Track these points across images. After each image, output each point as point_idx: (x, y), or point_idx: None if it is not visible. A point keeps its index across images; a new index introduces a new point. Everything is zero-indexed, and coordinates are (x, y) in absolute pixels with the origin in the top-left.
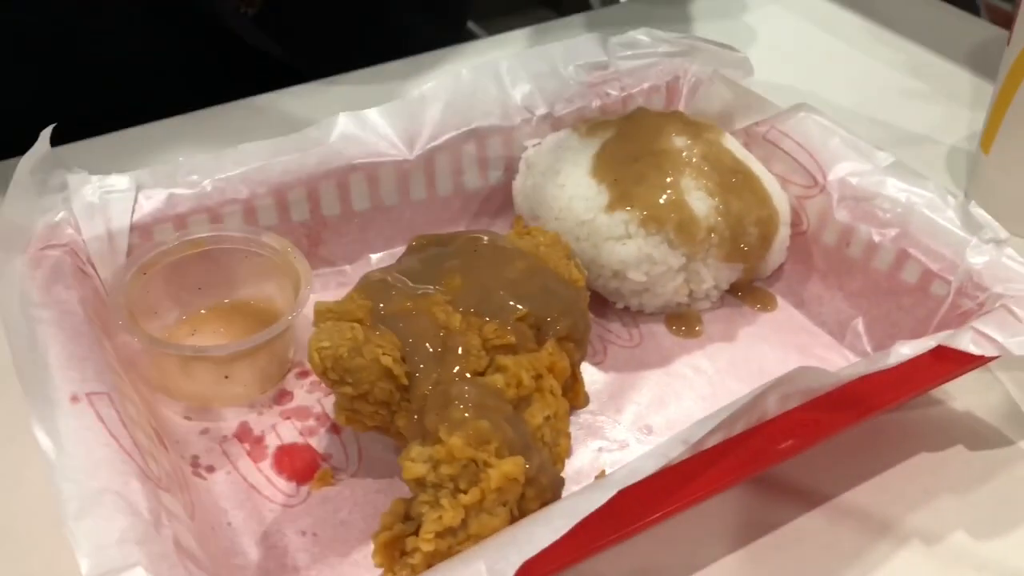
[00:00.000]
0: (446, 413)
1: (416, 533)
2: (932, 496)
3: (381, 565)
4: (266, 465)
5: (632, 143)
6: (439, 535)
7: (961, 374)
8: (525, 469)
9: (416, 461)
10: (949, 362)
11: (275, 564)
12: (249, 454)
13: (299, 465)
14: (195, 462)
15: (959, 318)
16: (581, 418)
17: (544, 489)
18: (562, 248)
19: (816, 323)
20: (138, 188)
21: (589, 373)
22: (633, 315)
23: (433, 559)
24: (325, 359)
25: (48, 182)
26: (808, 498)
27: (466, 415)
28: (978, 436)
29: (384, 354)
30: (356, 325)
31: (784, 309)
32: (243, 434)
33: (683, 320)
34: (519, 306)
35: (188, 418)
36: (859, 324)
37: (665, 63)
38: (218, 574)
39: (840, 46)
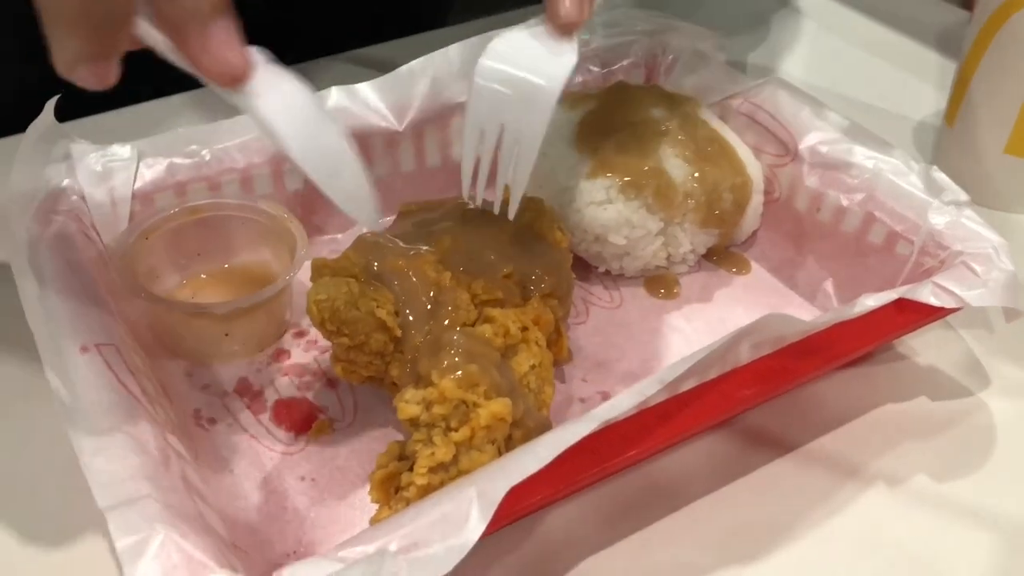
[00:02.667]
0: (438, 358)
1: (411, 470)
2: (895, 443)
3: (377, 500)
4: (265, 418)
5: (612, 114)
6: (432, 470)
7: (922, 325)
8: (512, 410)
9: (410, 402)
10: (911, 313)
11: (276, 506)
12: (249, 407)
13: (297, 417)
14: (197, 415)
15: (922, 275)
16: (565, 372)
17: (531, 431)
18: (548, 213)
19: (788, 285)
20: (139, 157)
21: (573, 333)
22: (614, 278)
23: (426, 493)
24: (323, 311)
25: (53, 151)
26: (779, 445)
27: (456, 360)
28: (940, 388)
29: (379, 307)
30: (352, 280)
31: (758, 273)
32: (243, 389)
33: (661, 283)
34: (505, 265)
35: (189, 375)
36: (829, 285)
37: (644, 41)
38: (223, 511)
39: (811, 26)
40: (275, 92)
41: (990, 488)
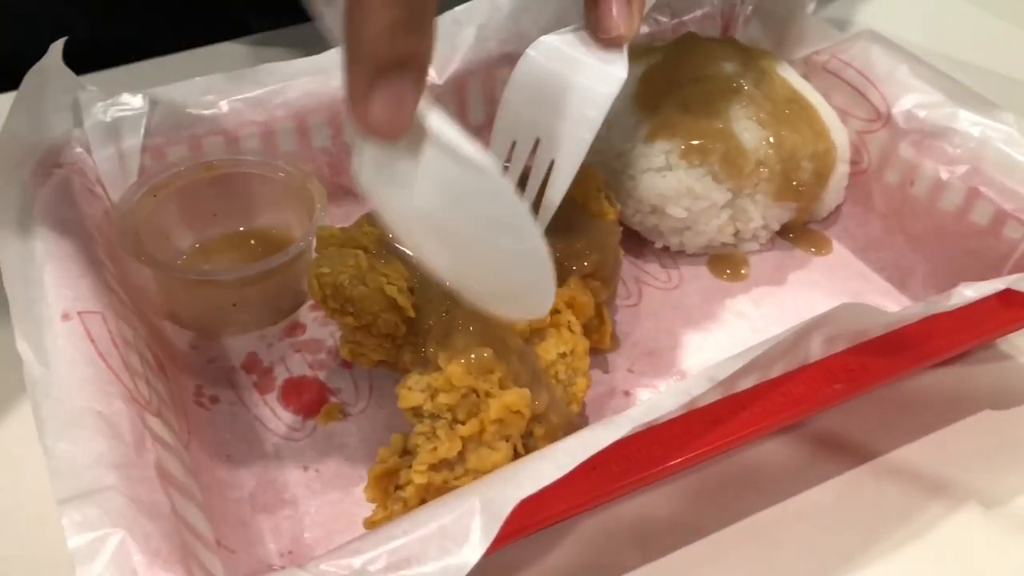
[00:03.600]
0: (448, 341)
1: (411, 467)
2: (993, 457)
3: (373, 500)
4: (272, 397)
5: (678, 69)
6: (433, 467)
7: None
8: (532, 403)
9: (413, 389)
10: (1019, 308)
11: (273, 499)
12: (256, 385)
13: (306, 399)
14: (198, 391)
15: None
16: (609, 361)
17: (555, 428)
18: (592, 180)
19: (874, 269)
20: (151, 107)
21: (621, 316)
22: (673, 255)
23: (427, 493)
24: (325, 286)
25: (58, 100)
26: (855, 453)
27: (469, 342)
28: None
29: (389, 283)
30: (360, 252)
31: (839, 253)
32: (251, 365)
33: (727, 262)
34: None
35: (195, 347)
36: (921, 270)
37: None
38: (210, 504)
39: None
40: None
41: None
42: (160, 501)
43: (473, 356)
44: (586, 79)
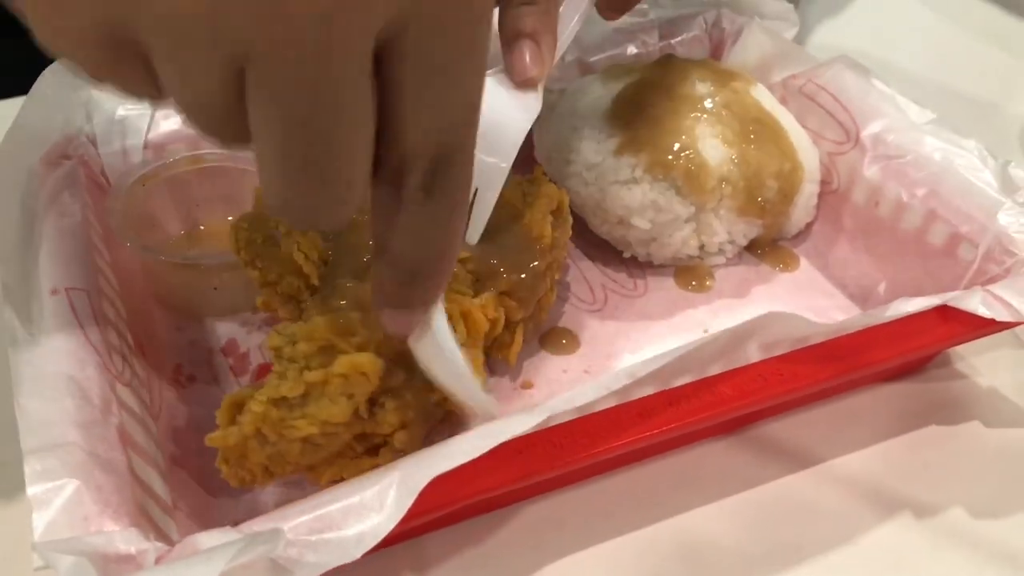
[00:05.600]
0: (328, 303)
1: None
2: (933, 469)
3: (219, 422)
4: (245, 380)
5: (653, 88)
6: (273, 401)
7: (971, 339)
8: (381, 372)
9: (282, 334)
10: (957, 324)
11: None
12: (232, 368)
13: None
14: (177, 369)
15: (986, 284)
16: (567, 363)
17: (407, 406)
18: (546, 202)
19: (837, 286)
20: (156, 108)
21: (584, 320)
22: (641, 266)
23: (263, 424)
24: (240, 239)
25: (72, 95)
26: (799, 458)
27: (343, 303)
28: (998, 413)
29: (299, 251)
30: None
31: (806, 270)
32: (229, 349)
33: (693, 274)
34: (464, 250)
35: (179, 329)
36: (882, 288)
37: (710, 13)
38: (172, 473)
39: (918, 8)
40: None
41: None
42: (117, 460)
43: (341, 317)
44: (503, 116)
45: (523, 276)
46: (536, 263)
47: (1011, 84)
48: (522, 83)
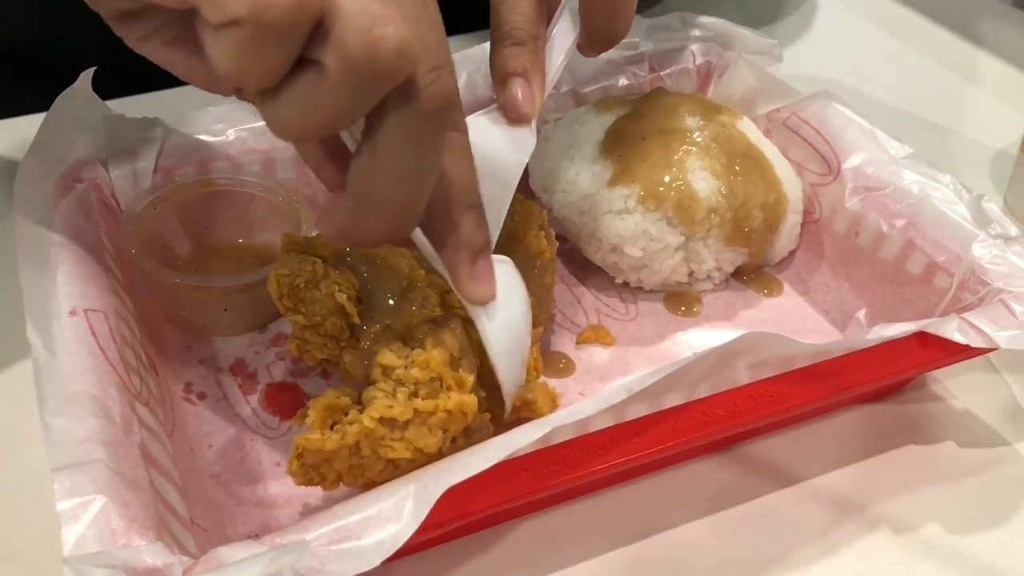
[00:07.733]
0: (438, 335)
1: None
2: (911, 487)
3: (312, 423)
4: (254, 399)
5: (644, 121)
6: (383, 421)
7: (946, 364)
8: (476, 414)
9: (396, 353)
10: (934, 349)
11: (247, 489)
12: (240, 387)
13: (285, 402)
14: (188, 387)
15: (960, 312)
16: (564, 385)
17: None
18: (534, 217)
19: (819, 311)
20: (166, 133)
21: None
22: (632, 291)
23: (365, 439)
24: (282, 285)
25: (85, 121)
26: (783, 476)
27: (455, 339)
28: (972, 434)
29: (340, 291)
30: (319, 260)
31: (789, 296)
32: (238, 368)
33: (682, 299)
34: None
35: (189, 348)
36: (862, 314)
37: (698, 47)
38: (187, 488)
39: (895, 44)
40: (503, 310)
41: (1008, 547)
42: (141, 477)
43: (461, 356)
44: (501, 152)
45: (536, 292)
46: (545, 278)
47: (976, 114)
48: (515, 120)
